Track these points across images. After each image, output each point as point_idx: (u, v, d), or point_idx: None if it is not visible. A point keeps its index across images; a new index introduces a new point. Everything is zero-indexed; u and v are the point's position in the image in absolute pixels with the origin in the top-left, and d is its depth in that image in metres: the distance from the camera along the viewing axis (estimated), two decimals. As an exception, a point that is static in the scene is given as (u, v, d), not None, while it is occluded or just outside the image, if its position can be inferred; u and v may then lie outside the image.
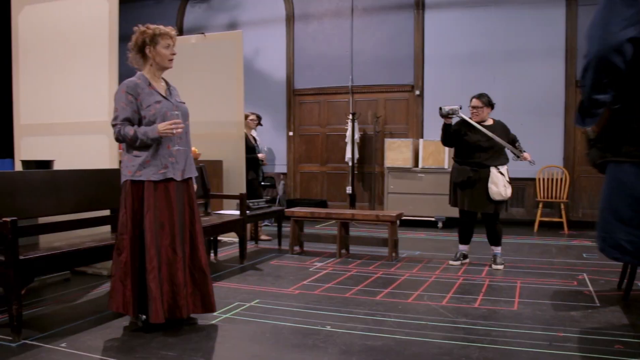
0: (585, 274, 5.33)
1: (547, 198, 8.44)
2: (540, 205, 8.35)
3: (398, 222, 8.19)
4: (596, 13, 1.87)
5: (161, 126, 3.45)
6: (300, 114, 10.46)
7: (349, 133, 9.52)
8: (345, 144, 9.68)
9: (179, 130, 3.51)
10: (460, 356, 3.17)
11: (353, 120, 9.45)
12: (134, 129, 3.47)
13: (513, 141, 5.59)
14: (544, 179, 8.48)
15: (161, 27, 3.60)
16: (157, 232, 3.50)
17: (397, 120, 9.76)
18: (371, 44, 9.88)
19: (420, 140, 8.78)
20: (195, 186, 3.86)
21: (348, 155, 9.56)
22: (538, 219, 8.33)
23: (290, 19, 10.39)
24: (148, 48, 3.57)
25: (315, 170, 10.42)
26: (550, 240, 7.46)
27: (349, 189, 9.68)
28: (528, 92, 8.75)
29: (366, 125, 9.82)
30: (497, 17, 9.17)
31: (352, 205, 9.51)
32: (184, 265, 3.60)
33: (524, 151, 5.59)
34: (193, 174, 3.79)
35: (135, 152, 3.53)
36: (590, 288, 4.81)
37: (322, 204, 9.99)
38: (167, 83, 3.75)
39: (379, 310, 4.09)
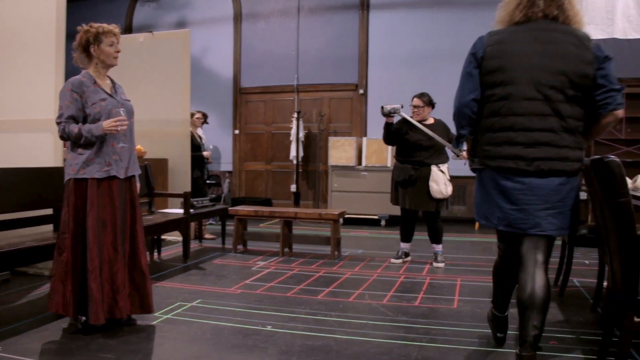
0: (522, 271, 5.44)
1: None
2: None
3: (341, 220, 8.22)
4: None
5: (106, 123, 3.41)
6: (246, 112, 10.39)
7: (294, 131, 9.52)
8: (290, 142, 9.67)
9: (124, 127, 3.48)
10: (400, 355, 3.18)
11: (298, 119, 9.45)
12: (79, 126, 3.44)
13: (451, 140, 5.66)
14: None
15: (104, 25, 3.56)
16: (100, 231, 3.45)
17: (341, 119, 9.81)
18: (317, 43, 9.89)
19: (364, 139, 8.84)
20: (138, 184, 3.81)
21: (293, 153, 9.56)
22: (478, 217, 8.48)
23: (237, 18, 10.31)
24: (92, 47, 3.53)
25: (261, 169, 10.38)
26: (492, 238, 7.56)
27: (293, 188, 9.68)
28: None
29: (311, 124, 9.82)
30: (441, 18, 9.31)
31: (297, 203, 9.51)
32: (124, 265, 3.55)
33: (464, 150, 5.66)
34: (136, 172, 3.75)
35: (79, 150, 3.49)
36: (527, 285, 4.91)
37: (267, 202, 9.94)
38: (112, 81, 3.70)
39: (320, 310, 4.08)
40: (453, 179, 5.74)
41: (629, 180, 4.00)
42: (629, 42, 8.09)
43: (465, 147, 3.32)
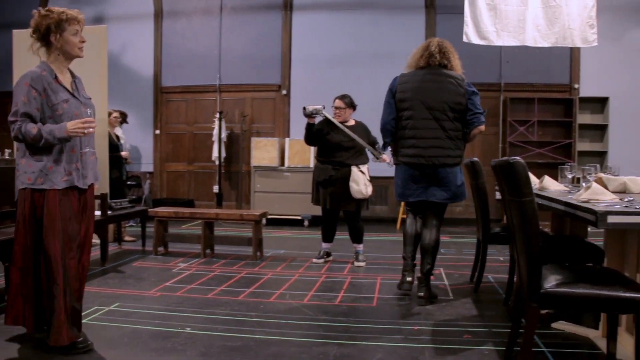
0: (442, 269, 5.60)
1: (400, 200, 8.77)
2: (402, 203, 8.69)
3: (264, 221, 8.22)
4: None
5: (71, 125, 3.02)
6: (167, 112, 10.21)
7: (216, 132, 9.43)
8: (213, 142, 9.57)
9: (91, 130, 3.11)
10: (319, 353, 3.22)
11: (220, 119, 9.37)
12: (38, 126, 3.01)
13: (373, 143, 5.77)
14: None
15: (67, 10, 3.18)
16: (63, 247, 3.12)
17: (263, 120, 9.80)
18: (239, 43, 9.84)
19: (287, 140, 8.87)
20: (95, 192, 3.50)
21: (215, 154, 9.47)
22: (400, 216, 8.68)
23: (158, 15, 10.11)
24: (54, 35, 3.13)
25: (182, 169, 10.22)
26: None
27: (215, 188, 9.59)
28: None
29: (233, 124, 9.76)
30: (363, 20, 9.47)
31: (219, 204, 9.43)
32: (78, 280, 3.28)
33: (384, 153, 5.78)
34: (96, 180, 3.42)
35: (36, 156, 3.08)
36: (446, 282, 5.08)
37: (189, 203, 9.81)
38: (72, 74, 3.33)
39: (240, 310, 4.07)
40: (375, 179, 5.85)
41: (536, 180, 4.20)
42: (539, 49, 8.48)
43: (388, 150, 4.72)
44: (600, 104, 9.28)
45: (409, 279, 4.37)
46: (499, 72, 9.37)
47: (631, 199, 2.91)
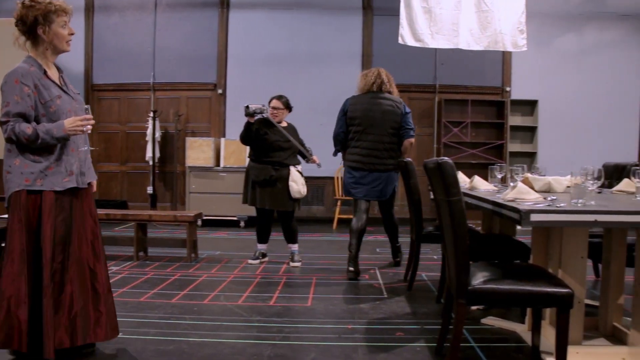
0: (376, 268, 5.68)
1: (345, 196, 8.84)
2: (339, 203, 8.76)
3: (199, 222, 8.12)
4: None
5: (68, 123, 2.88)
6: (99, 110, 9.90)
7: (149, 131, 9.23)
8: (146, 142, 9.37)
9: (89, 128, 2.96)
10: (252, 354, 3.20)
11: (154, 118, 9.19)
12: (32, 126, 2.84)
13: (303, 144, 5.82)
14: (342, 178, 8.88)
15: (53, 0, 2.97)
16: (55, 251, 2.93)
17: (199, 119, 9.67)
18: (174, 40, 9.66)
19: (222, 140, 8.79)
20: (94, 189, 3.31)
21: (149, 154, 9.28)
22: (337, 216, 8.73)
23: (89, 10, 9.80)
24: (41, 28, 2.94)
25: (115, 170, 9.96)
26: (347, 237, 7.81)
27: (150, 189, 9.40)
28: (328, 94, 9.10)
29: (168, 124, 9.58)
30: (300, 20, 9.47)
31: (153, 205, 9.26)
32: (85, 285, 3.07)
33: (314, 156, 5.86)
34: (93, 177, 3.23)
35: (34, 157, 2.90)
36: (380, 281, 5.14)
37: (122, 204, 9.57)
38: (58, 69, 3.17)
39: (174, 314, 4.01)
40: (312, 180, 5.88)
41: (467, 180, 4.30)
42: (472, 52, 8.69)
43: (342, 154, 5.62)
44: (530, 106, 9.60)
45: (351, 268, 5.17)
46: (434, 74, 9.55)
47: (554, 198, 3.02)
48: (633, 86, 9.71)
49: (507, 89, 9.58)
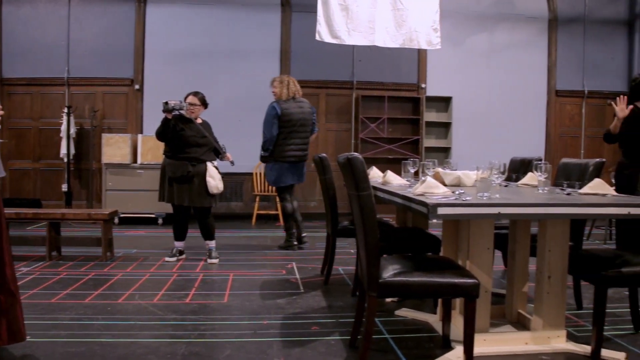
0: (294, 263, 5.72)
1: (264, 192, 8.87)
2: (257, 199, 8.75)
3: (116, 220, 7.94)
4: (265, 125, 6.32)
5: None
6: (9, 105, 9.44)
7: (64, 127, 8.92)
8: (61, 139, 9.04)
9: None
10: (166, 353, 3.16)
11: (69, 114, 8.88)
12: None
13: (216, 141, 5.80)
14: (260, 174, 8.88)
15: None
16: None
17: (115, 115, 9.41)
18: (90, 34, 9.34)
19: (139, 136, 8.61)
20: None
21: (63, 151, 8.96)
22: (255, 212, 8.72)
23: (-1, 0, 9.36)
24: None
25: (28, 167, 9.55)
26: (266, 232, 7.86)
27: (64, 187, 9.09)
28: (247, 90, 9.08)
29: (83, 120, 9.27)
30: (219, 15, 9.38)
31: (69, 204, 8.95)
32: None
33: (228, 154, 5.85)
34: (1, 174, 3.09)
35: None
36: (297, 276, 5.18)
37: (36, 203, 9.18)
38: None
39: (86, 314, 3.90)
40: (231, 176, 5.84)
41: (380, 174, 4.40)
42: (389, 50, 8.87)
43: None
44: (444, 103, 9.89)
45: (295, 243, 6.55)
46: (352, 71, 9.68)
47: (462, 191, 3.13)
48: (540, 84, 10.21)
49: (423, 85, 9.84)
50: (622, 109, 4.83)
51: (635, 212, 2.90)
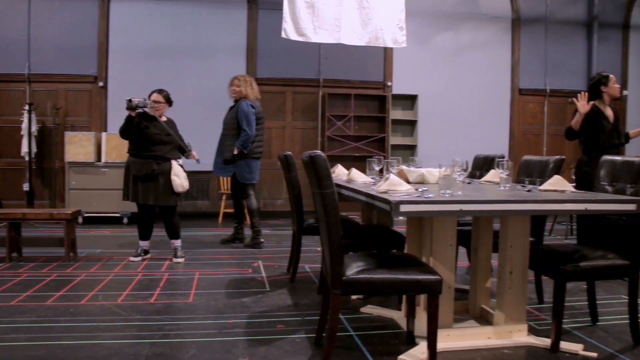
0: (260, 261, 5.70)
1: (230, 190, 8.79)
2: (224, 197, 8.70)
3: (80, 219, 7.83)
4: (247, 123, 6.29)
5: None
6: (-34, 102, 9.26)
7: (25, 125, 8.73)
8: (22, 137, 8.86)
9: None
10: (130, 354, 3.13)
11: (30, 112, 8.70)
12: None
13: (181, 139, 5.76)
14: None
15: None
16: None
17: (79, 113, 9.24)
18: (52, 29, 9.16)
19: (103, 134, 8.48)
20: None
21: (24, 149, 8.78)
22: (222, 210, 8.67)
23: (-48, -6, 9.12)
24: None
25: (-13, 166, 9.34)
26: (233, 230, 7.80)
27: (26, 186, 8.91)
28: (213, 88, 9.01)
29: (45, 117, 9.09)
30: (184, 12, 9.29)
31: (30, 203, 8.78)
32: None
33: (193, 152, 5.81)
34: None
35: None
36: (263, 274, 5.17)
37: (-4, 203, 9.01)
38: None
39: (47, 316, 3.83)
40: (197, 174, 5.80)
41: (345, 172, 4.41)
42: (355, 48, 8.90)
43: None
44: (410, 101, 9.96)
45: (262, 240, 6.59)
46: (318, 69, 9.68)
47: (425, 189, 3.16)
48: (504, 83, 10.37)
49: (389, 83, 9.89)
50: (583, 104, 5.00)
51: (592, 207, 2.96)
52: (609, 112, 5.26)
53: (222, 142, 6.52)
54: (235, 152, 6.33)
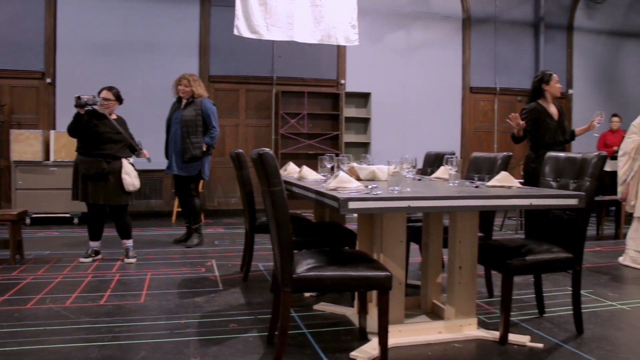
0: (214, 260, 5.66)
1: (176, 189, 8.69)
2: (177, 197, 8.58)
3: (28, 220, 7.64)
4: (215, 120, 6.43)
5: None
6: None
7: (-33, 123, 8.48)
8: (-37, 135, 8.59)
9: None
10: (78, 358, 3.06)
11: (-27, 109, 8.45)
12: None
13: (131, 137, 5.67)
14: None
15: None
16: None
17: (25, 110, 8.99)
18: (-5, 24, 8.90)
19: (52, 132, 8.28)
20: None
21: (-33, 148, 8.52)
22: (175, 209, 8.57)
23: None
24: None
25: None
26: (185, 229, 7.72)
27: (-31, 187, 8.65)
28: (165, 86, 8.84)
29: (-11, 115, 8.84)
30: (136, 7, 9.15)
31: (-26, 204, 8.53)
32: None
33: (142, 148, 5.74)
34: None
35: None
36: (217, 273, 5.13)
37: (-63, 204, 8.71)
38: None
39: (-10, 321, 3.73)
40: (149, 173, 5.71)
41: (297, 170, 4.41)
42: (309, 45, 8.91)
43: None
44: (363, 98, 10.04)
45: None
46: (272, 66, 9.66)
47: (375, 186, 3.18)
48: (455, 81, 10.55)
49: (342, 81, 9.94)
50: (517, 124, 5.22)
51: (537, 203, 3.04)
52: (553, 110, 5.41)
53: (182, 141, 6.31)
54: (205, 148, 6.33)
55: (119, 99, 5.65)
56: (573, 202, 3.09)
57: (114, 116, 5.60)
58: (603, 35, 11.47)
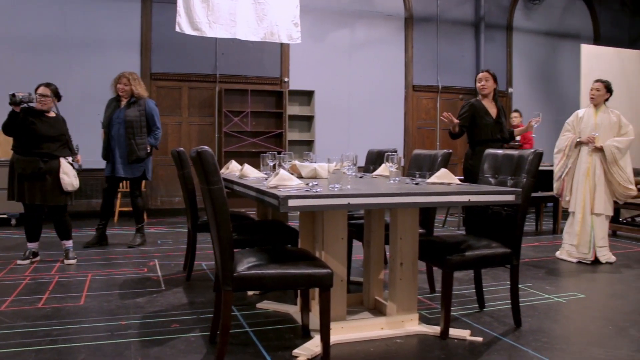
0: (156, 260, 5.59)
1: (125, 188, 8.56)
2: (119, 196, 8.44)
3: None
4: (159, 120, 6.39)
5: None
6: None
7: None
8: None
9: None
10: (13, 363, 2.99)
11: None
12: None
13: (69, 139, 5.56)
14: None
15: None
16: None
17: (-44, 108, 8.67)
18: None
19: (-14, 131, 8.00)
20: None
21: None
22: (117, 209, 8.41)
23: None
24: None
25: None
26: (131, 229, 7.59)
27: None
28: (105, 83, 8.63)
29: None
30: (74, 2, 8.90)
31: None
32: None
33: (77, 153, 5.63)
34: None
35: None
36: (159, 273, 5.07)
37: None
38: None
39: None
40: (92, 172, 5.59)
41: (239, 168, 4.40)
42: (252, 43, 8.88)
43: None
44: (307, 96, 10.07)
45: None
46: (215, 64, 9.58)
47: (315, 183, 3.20)
48: (398, 79, 10.70)
49: (286, 79, 9.95)
50: (451, 121, 5.35)
51: (475, 199, 3.11)
52: (491, 108, 5.56)
53: (126, 142, 6.20)
54: (149, 149, 6.33)
55: (57, 96, 5.51)
56: (510, 198, 3.18)
57: (52, 114, 5.46)
58: (541, 35, 11.83)
